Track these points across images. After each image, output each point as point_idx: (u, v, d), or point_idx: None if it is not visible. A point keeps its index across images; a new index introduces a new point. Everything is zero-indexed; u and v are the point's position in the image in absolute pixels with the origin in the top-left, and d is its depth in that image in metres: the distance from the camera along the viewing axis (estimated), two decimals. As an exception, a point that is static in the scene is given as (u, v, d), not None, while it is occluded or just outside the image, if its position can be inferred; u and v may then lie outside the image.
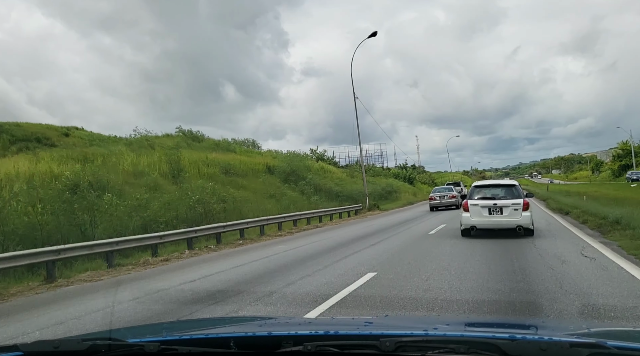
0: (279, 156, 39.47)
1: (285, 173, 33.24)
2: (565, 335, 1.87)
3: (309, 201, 28.70)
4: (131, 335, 2.03)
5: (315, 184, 33.44)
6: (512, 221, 11.93)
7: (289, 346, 1.55)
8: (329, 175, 40.96)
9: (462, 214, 12.85)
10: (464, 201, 13.32)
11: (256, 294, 6.84)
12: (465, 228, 12.61)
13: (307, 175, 34.18)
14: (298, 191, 30.62)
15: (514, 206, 11.93)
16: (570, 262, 8.07)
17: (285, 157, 38.15)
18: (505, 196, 12.35)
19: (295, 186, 31.34)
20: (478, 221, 12.28)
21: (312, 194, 30.73)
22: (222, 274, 9.09)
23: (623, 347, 1.41)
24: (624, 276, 6.78)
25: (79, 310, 6.79)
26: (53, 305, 7.40)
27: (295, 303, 6.16)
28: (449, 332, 1.87)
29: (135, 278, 9.57)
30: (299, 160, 38.23)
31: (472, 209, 12.33)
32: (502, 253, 9.53)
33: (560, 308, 5.20)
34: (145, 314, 6.12)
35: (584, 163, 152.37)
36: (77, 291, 8.55)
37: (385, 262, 9.20)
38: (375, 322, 2.74)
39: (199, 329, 2.39)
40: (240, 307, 6.13)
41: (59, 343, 1.66)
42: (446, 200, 28.58)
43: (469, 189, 13.59)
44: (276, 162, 35.54)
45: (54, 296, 8.32)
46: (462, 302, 5.71)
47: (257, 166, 32.88)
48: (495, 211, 12.08)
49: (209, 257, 12.42)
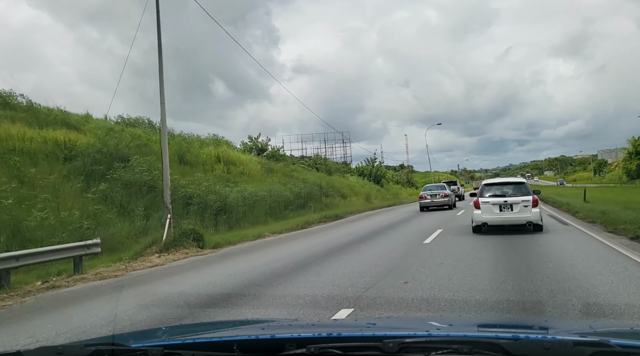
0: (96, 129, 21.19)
1: (97, 159, 17.84)
2: (568, 333, 1.87)
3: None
4: (134, 340, 2.03)
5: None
6: (522, 218, 12.40)
7: (292, 349, 1.55)
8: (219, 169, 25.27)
9: (473, 212, 13.23)
10: (474, 199, 13.60)
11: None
12: (476, 225, 12.98)
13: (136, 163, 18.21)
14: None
15: (523, 203, 12.42)
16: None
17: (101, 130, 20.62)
18: (515, 193, 12.79)
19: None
20: (489, 218, 12.70)
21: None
22: None
23: (627, 345, 1.40)
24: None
25: None
26: None
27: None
28: (452, 332, 1.86)
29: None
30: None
31: (484, 207, 12.76)
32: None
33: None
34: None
35: (577, 165, 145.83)
36: None
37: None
38: (377, 323, 2.73)
39: (202, 333, 2.39)
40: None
41: (62, 348, 1.66)
42: (438, 199, 26.13)
43: (480, 188, 13.98)
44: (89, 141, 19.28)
45: None
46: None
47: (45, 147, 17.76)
48: (506, 208, 12.55)
49: None
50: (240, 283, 7.81)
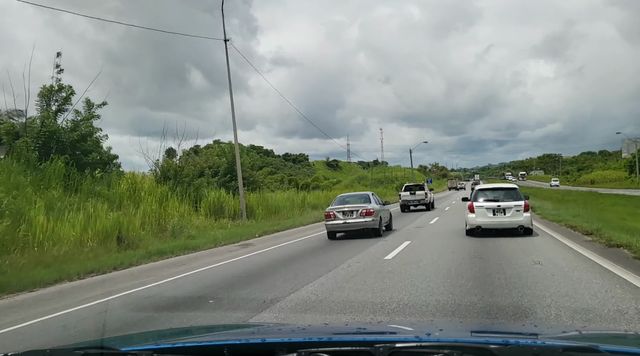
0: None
1: None
2: (558, 339, 1.88)
3: None
4: (124, 344, 2.01)
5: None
6: (514, 221, 12.91)
7: (282, 353, 1.54)
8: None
9: (467, 215, 13.58)
10: (468, 203, 13.79)
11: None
12: (470, 228, 13.32)
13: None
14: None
15: (516, 207, 12.98)
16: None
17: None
18: (508, 198, 13.38)
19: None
20: (483, 221, 13.11)
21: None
22: None
23: (615, 351, 1.41)
24: None
25: None
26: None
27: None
28: (443, 337, 1.87)
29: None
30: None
31: (478, 211, 13.21)
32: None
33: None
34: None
35: (570, 164, 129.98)
36: None
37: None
38: (368, 328, 2.73)
39: (193, 336, 2.38)
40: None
41: (51, 352, 1.64)
42: (356, 220, 14.89)
43: (473, 192, 14.23)
44: None
45: None
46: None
47: None
48: (499, 212, 13.06)
49: None
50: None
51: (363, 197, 16.72)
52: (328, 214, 15.32)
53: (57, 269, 9.82)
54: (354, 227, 14.99)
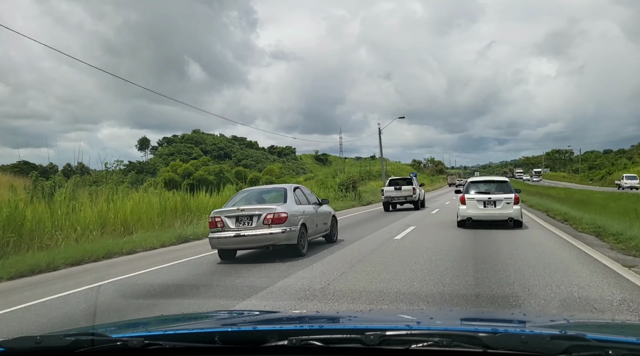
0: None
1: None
2: (546, 327, 1.91)
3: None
4: (115, 330, 2.01)
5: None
6: (504, 214, 13.15)
7: (273, 341, 1.55)
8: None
9: (458, 207, 13.82)
10: (460, 195, 14.17)
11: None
12: (461, 219, 13.56)
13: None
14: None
15: (506, 200, 13.21)
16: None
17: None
18: (498, 191, 13.64)
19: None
20: (474, 213, 13.36)
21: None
22: None
23: (602, 339, 1.44)
24: None
25: None
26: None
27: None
28: (433, 326, 1.89)
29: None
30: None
31: (469, 202, 13.44)
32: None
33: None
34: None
35: (578, 161, 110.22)
36: None
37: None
38: (359, 316, 2.75)
39: (184, 324, 2.38)
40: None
41: (41, 339, 1.64)
42: (255, 232, 9.17)
43: (465, 185, 14.75)
44: None
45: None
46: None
47: None
48: (490, 204, 13.31)
49: None
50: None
51: (277, 193, 10.73)
52: (213, 221, 9.54)
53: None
54: (252, 243, 9.39)
